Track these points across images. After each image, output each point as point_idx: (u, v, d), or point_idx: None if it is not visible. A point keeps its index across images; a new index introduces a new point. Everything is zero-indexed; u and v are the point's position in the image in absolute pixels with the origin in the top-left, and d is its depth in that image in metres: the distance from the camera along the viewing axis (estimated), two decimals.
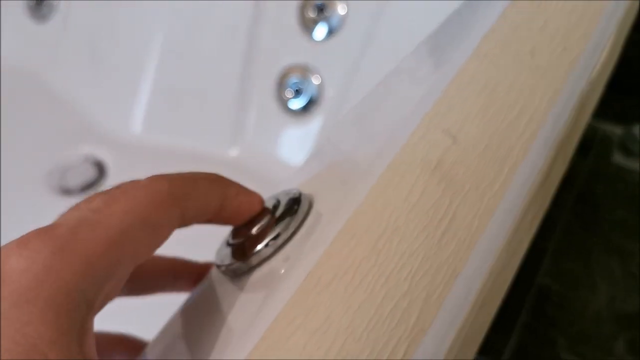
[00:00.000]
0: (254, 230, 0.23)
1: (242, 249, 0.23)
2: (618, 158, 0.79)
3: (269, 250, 0.23)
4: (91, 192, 0.81)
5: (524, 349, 0.69)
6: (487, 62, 0.26)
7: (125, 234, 0.19)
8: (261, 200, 0.24)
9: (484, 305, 0.23)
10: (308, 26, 0.68)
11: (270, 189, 0.26)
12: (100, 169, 0.76)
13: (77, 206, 0.19)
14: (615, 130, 0.80)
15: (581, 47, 0.27)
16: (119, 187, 0.20)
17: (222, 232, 0.26)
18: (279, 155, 0.70)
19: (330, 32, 0.67)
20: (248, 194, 0.24)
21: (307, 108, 0.69)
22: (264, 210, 0.24)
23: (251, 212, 0.24)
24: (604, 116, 0.80)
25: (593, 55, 0.28)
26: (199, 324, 0.23)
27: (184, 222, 0.21)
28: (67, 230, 0.18)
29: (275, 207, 0.24)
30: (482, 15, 0.29)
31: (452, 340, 0.21)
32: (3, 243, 0.21)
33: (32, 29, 0.81)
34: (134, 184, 0.20)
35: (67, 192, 0.74)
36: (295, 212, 0.23)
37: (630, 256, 0.72)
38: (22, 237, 0.18)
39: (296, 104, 0.69)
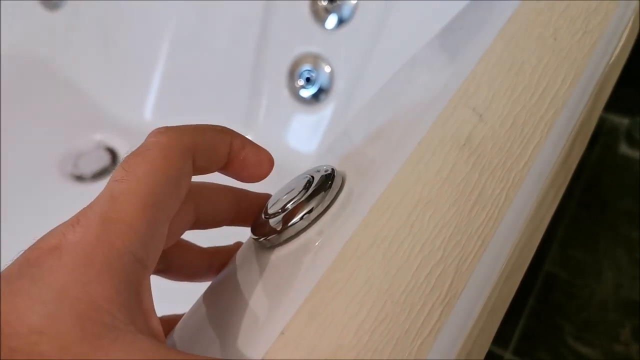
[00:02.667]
0: (290, 205, 0.24)
1: (277, 221, 0.24)
2: (624, 148, 0.80)
3: (304, 223, 0.24)
4: (103, 179, 0.81)
5: (531, 335, 0.70)
6: (513, 44, 0.26)
7: (153, 194, 0.20)
8: (270, 159, 0.25)
9: (510, 276, 0.24)
10: (320, 15, 0.68)
11: (281, 176, 0.27)
12: (113, 156, 0.76)
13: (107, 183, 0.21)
14: (622, 121, 0.81)
15: (601, 31, 0.28)
16: (135, 152, 0.21)
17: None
18: (290, 142, 0.71)
19: (341, 21, 0.68)
20: (256, 148, 0.24)
21: (317, 96, 0.69)
22: (299, 186, 0.25)
23: (260, 166, 0.25)
24: (610, 107, 0.80)
25: (612, 40, 0.29)
26: (234, 292, 0.24)
27: (197, 171, 0.23)
28: (105, 204, 0.20)
29: (310, 182, 0.25)
30: (502, 2, 0.30)
31: (482, 307, 0.22)
32: (19, 227, 0.22)
33: (44, 17, 0.82)
34: (146, 145, 0.21)
35: (80, 178, 0.75)
36: (329, 187, 0.24)
37: (636, 245, 0.73)
38: (73, 216, 0.20)
39: (307, 92, 0.70)
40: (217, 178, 0.26)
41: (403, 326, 0.19)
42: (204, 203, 0.26)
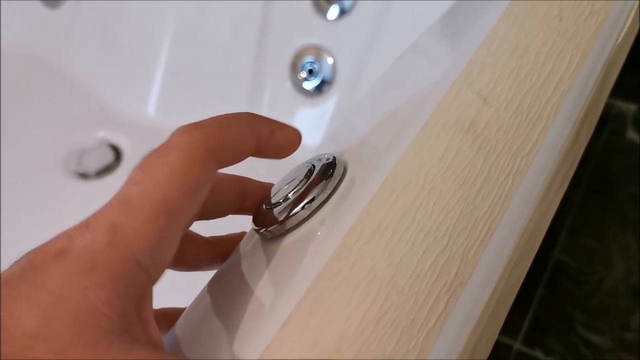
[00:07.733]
0: (291, 194, 0.24)
1: (279, 211, 0.23)
2: (632, 134, 0.79)
3: (305, 213, 0.23)
4: (107, 176, 0.79)
5: (541, 323, 0.70)
6: (517, 25, 0.26)
7: (168, 202, 0.19)
8: (298, 134, 0.24)
9: (518, 263, 0.23)
10: (321, 6, 0.68)
11: (286, 169, 0.26)
12: (117, 153, 0.76)
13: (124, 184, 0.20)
14: (630, 108, 0.80)
15: (607, 11, 0.28)
16: (156, 152, 0.20)
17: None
18: None
19: (343, 12, 0.67)
20: (284, 130, 0.24)
21: (320, 88, 0.69)
22: (300, 175, 0.24)
23: (290, 146, 0.24)
24: (618, 93, 0.80)
25: (619, 20, 0.29)
26: (237, 284, 0.23)
27: (221, 165, 0.22)
28: (118, 208, 0.19)
29: (311, 171, 0.24)
30: None
31: (489, 295, 0.21)
32: (23, 225, 0.21)
33: (45, 15, 0.82)
34: (168, 145, 0.20)
35: (84, 176, 0.75)
36: (331, 175, 0.23)
37: None
38: (84, 220, 0.19)
39: (310, 84, 0.69)
40: None
41: (408, 316, 0.19)
42: (211, 194, 0.25)
